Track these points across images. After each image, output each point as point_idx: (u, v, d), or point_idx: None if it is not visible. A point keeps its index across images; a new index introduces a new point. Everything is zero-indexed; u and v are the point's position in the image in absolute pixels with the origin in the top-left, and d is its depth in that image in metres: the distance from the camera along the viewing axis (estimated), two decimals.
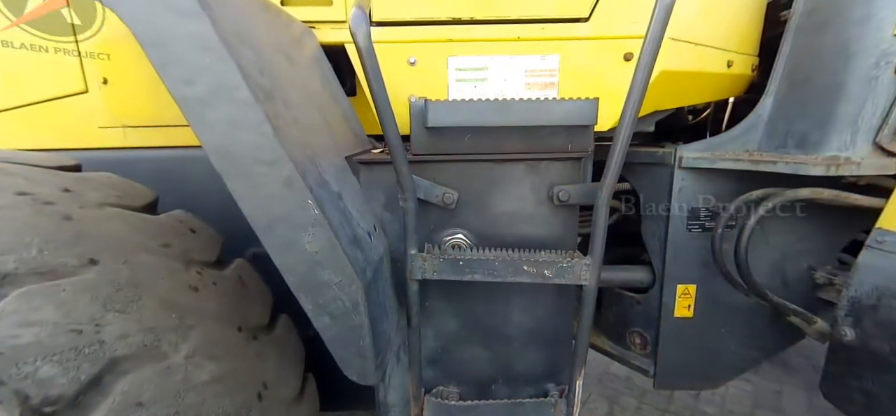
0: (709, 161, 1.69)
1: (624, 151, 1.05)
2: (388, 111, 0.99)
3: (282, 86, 0.91)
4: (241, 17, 0.86)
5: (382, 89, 0.97)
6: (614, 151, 1.04)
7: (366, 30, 0.93)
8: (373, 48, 0.95)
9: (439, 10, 1.48)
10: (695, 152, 1.72)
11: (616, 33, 1.51)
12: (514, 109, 1.11)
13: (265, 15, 1.03)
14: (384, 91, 0.98)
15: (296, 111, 0.93)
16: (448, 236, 1.21)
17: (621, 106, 1.62)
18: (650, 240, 1.85)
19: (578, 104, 1.12)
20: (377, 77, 0.96)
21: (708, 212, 1.77)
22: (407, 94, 1.54)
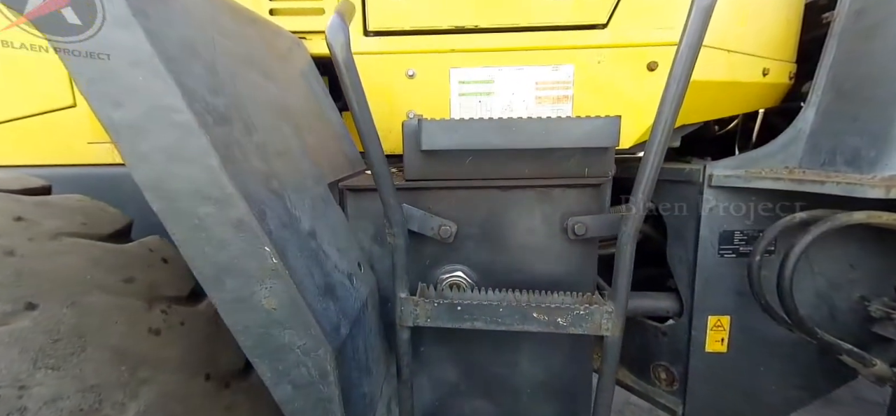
0: (743, 180, 1.47)
1: (654, 176, 0.86)
2: (371, 132, 0.82)
3: (245, 107, 0.75)
4: (193, 28, 0.70)
5: (364, 107, 0.81)
6: (643, 176, 0.85)
7: (344, 41, 0.77)
8: (353, 61, 0.79)
9: (440, 18, 1.31)
10: (726, 170, 1.50)
11: (638, 40, 1.32)
12: (523, 129, 0.93)
13: (238, 26, 0.88)
14: (367, 109, 0.81)
15: (263, 135, 0.77)
16: (446, 274, 1.03)
17: (645, 121, 1.43)
18: (677, 265, 1.63)
19: (598, 123, 0.93)
20: (358, 93, 0.80)
21: (743, 236, 1.55)
22: (405, 109, 1.38)
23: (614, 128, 0.94)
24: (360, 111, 0.80)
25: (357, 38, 1.34)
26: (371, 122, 0.82)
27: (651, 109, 1.38)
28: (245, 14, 0.92)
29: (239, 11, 0.88)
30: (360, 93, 0.80)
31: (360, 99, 0.80)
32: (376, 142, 0.83)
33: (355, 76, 0.79)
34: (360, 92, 0.80)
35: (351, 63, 0.78)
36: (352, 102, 0.79)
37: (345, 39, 0.77)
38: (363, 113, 0.81)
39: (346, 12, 0.82)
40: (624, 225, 0.89)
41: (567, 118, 0.94)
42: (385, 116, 1.38)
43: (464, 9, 1.31)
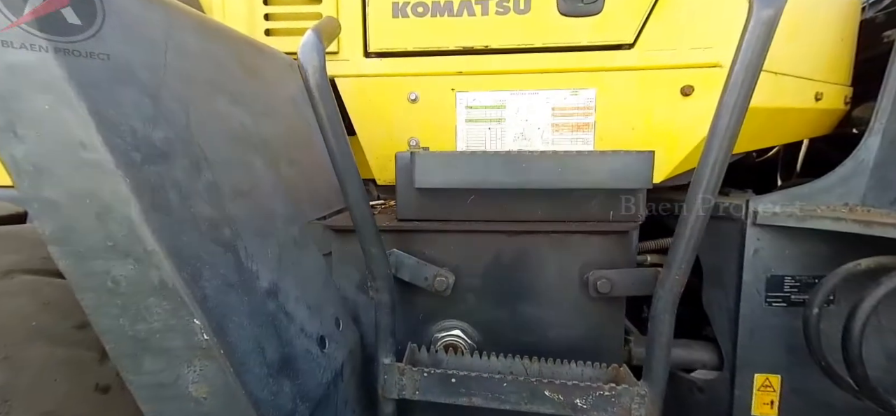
0: (797, 219, 1.24)
1: (699, 230, 0.67)
2: (348, 167, 0.68)
3: (197, 139, 0.62)
4: (136, 48, 0.58)
5: (341, 139, 0.66)
6: (685, 230, 0.67)
7: (318, 63, 0.64)
8: (328, 87, 0.65)
9: (446, 38, 1.18)
10: (774, 206, 1.28)
11: (670, 62, 1.14)
12: (535, 166, 0.77)
13: (205, 45, 0.75)
14: (344, 141, 0.67)
15: (219, 172, 0.64)
16: (441, 332, 0.86)
17: (678, 153, 1.24)
18: (715, 313, 1.40)
19: (627, 159, 0.76)
20: (334, 123, 0.66)
21: (795, 282, 1.32)
22: (406, 135, 1.24)
23: (646, 166, 0.76)
24: (337, 143, 0.66)
25: (357, 59, 1.22)
26: (349, 156, 0.68)
27: (686, 139, 1.20)
28: (219, 33, 0.80)
29: (210, 30, 0.77)
30: (336, 123, 0.66)
31: (336, 129, 0.66)
32: (355, 180, 0.68)
33: (330, 103, 0.65)
34: (335, 122, 0.66)
35: (325, 89, 0.64)
36: (326, 133, 0.65)
37: (319, 62, 0.64)
38: (340, 145, 0.66)
39: (325, 31, 0.69)
40: (660, 289, 0.70)
41: (588, 153, 0.77)
42: (384, 142, 1.24)
43: (472, 28, 1.17)
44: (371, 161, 1.25)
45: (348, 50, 1.21)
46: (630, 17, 1.14)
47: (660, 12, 1.14)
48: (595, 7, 1.14)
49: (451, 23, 1.17)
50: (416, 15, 1.18)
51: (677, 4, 1.13)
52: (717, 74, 1.13)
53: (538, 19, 1.16)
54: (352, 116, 1.23)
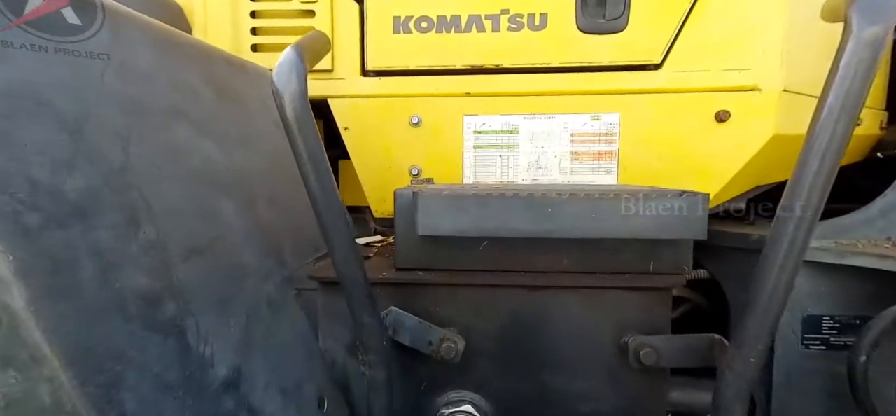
0: (835, 254, 1.10)
1: (780, 302, 0.52)
2: (334, 214, 0.52)
3: (137, 186, 0.47)
4: (55, 67, 0.43)
5: (326, 178, 0.51)
6: (760, 299, 0.51)
7: (298, 88, 0.49)
8: (310, 117, 0.50)
9: (453, 55, 1.04)
10: (813, 241, 1.13)
11: (702, 84, 1.00)
12: (564, 211, 0.62)
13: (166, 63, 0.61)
14: (328, 179, 0.52)
15: (168, 225, 0.48)
16: (449, 408, 0.70)
17: (712, 185, 1.08)
18: None
19: (676, 203, 0.61)
20: (316, 160, 0.50)
21: (834, 324, 1.17)
22: (407, 163, 1.09)
23: (700, 212, 0.61)
24: (320, 187, 0.51)
25: (353, 77, 1.07)
26: (336, 204, 0.52)
27: (720, 170, 1.06)
28: (185, 48, 0.65)
29: (173, 45, 0.62)
30: (320, 162, 0.51)
31: (320, 169, 0.51)
32: (343, 232, 0.53)
33: (312, 138, 0.50)
34: (318, 161, 0.51)
35: (306, 121, 0.49)
36: (307, 174, 0.50)
37: (299, 86, 0.49)
38: (324, 189, 0.51)
39: (309, 48, 0.54)
40: (729, 373, 0.54)
41: (629, 195, 0.62)
42: (383, 170, 1.09)
43: (482, 45, 1.03)
44: (368, 191, 1.10)
45: (344, 67, 1.07)
46: (657, 34, 1.00)
47: (690, 30, 1.00)
48: (618, 24, 1.00)
49: (458, 39, 1.03)
50: (419, 30, 1.03)
51: (710, 21, 0.99)
52: (755, 98, 0.99)
53: (555, 36, 1.02)
54: (347, 141, 1.09)
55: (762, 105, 0.98)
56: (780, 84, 0.98)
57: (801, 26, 1.01)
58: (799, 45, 1.01)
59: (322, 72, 1.07)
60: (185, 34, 0.67)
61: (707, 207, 0.61)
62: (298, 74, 0.49)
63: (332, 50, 1.07)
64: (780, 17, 0.97)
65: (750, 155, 1.00)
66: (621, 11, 1.00)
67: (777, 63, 0.98)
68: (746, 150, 1.00)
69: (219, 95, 0.69)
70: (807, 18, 1.04)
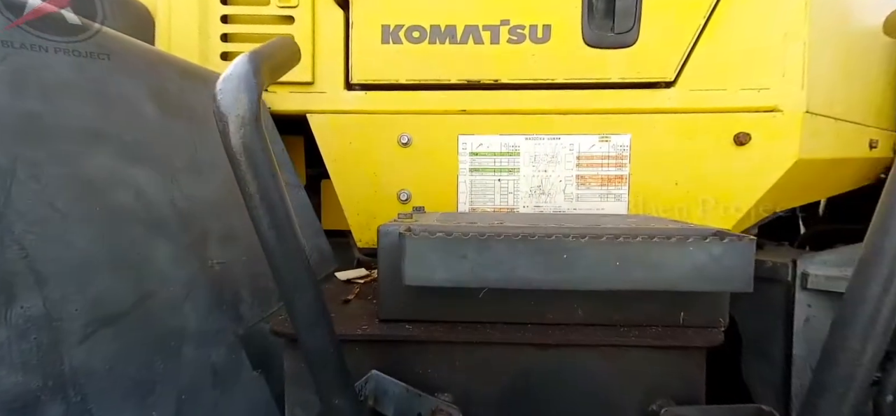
0: None
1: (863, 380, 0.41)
2: (295, 268, 0.40)
3: (19, 240, 0.34)
4: None
5: (285, 221, 0.39)
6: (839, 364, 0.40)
7: (248, 111, 0.37)
8: (263, 146, 0.38)
9: (447, 69, 0.93)
10: (827, 268, 1.03)
11: (719, 104, 0.90)
12: (585, 259, 0.50)
13: (94, 73, 0.48)
14: (288, 224, 0.39)
15: (63, 293, 0.35)
16: None
17: (731, 214, 0.98)
18: (760, 389, 1.13)
19: (717, 250, 0.50)
20: (271, 197, 0.38)
21: None
22: (395, 187, 0.96)
23: (746, 261, 0.50)
24: (276, 233, 0.39)
25: (336, 91, 0.95)
26: (295, 251, 0.40)
27: (740, 197, 0.95)
28: (124, 57, 0.53)
29: (105, 51, 0.49)
30: (275, 202, 0.38)
31: (276, 212, 0.38)
32: (307, 287, 0.41)
33: (267, 173, 0.37)
34: (274, 202, 0.38)
35: (258, 150, 0.37)
36: (258, 217, 0.37)
37: (249, 107, 0.37)
38: (281, 233, 0.39)
39: (269, 58, 0.42)
40: None
41: (658, 237, 0.51)
42: (368, 195, 0.96)
43: (479, 58, 0.92)
44: (350, 217, 0.97)
45: (326, 80, 0.95)
46: (670, 49, 0.91)
47: (705, 45, 0.90)
48: (628, 37, 0.91)
49: (453, 51, 0.92)
50: (410, 40, 0.92)
51: (726, 36, 0.90)
52: (776, 120, 0.90)
53: (560, 50, 0.91)
54: (328, 162, 0.96)
55: (785, 128, 0.89)
56: (803, 105, 0.89)
57: (821, 44, 0.93)
58: (820, 63, 0.93)
59: (301, 84, 0.95)
60: (125, 37, 0.55)
61: (751, 257, 0.50)
62: (249, 91, 0.37)
63: (314, 61, 0.95)
64: (800, 34, 0.89)
65: (772, 181, 0.90)
66: (631, 24, 0.90)
67: (799, 83, 0.89)
68: (768, 176, 0.90)
69: (165, 111, 0.56)
70: (827, 35, 0.96)
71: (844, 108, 1.03)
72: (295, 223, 0.40)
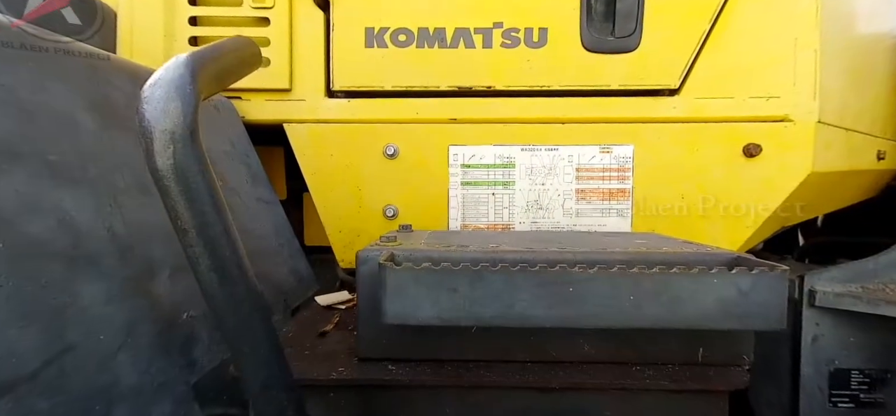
0: (866, 303, 0.95)
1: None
2: (245, 316, 0.32)
3: None
4: None
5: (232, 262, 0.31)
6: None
7: (181, 124, 0.29)
8: (201, 169, 0.30)
9: (437, 74, 0.86)
10: (835, 284, 0.97)
11: (726, 113, 0.85)
12: (596, 293, 0.43)
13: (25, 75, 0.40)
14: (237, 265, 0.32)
15: None
16: None
17: (742, 231, 0.91)
18: (768, 412, 1.08)
19: (746, 283, 0.43)
20: (211, 234, 0.31)
21: (864, 379, 1.02)
22: (380, 202, 0.89)
23: (779, 295, 0.44)
24: (216, 270, 0.31)
25: (316, 99, 0.88)
26: (245, 291, 0.32)
27: (751, 212, 0.89)
28: (57, 60, 0.45)
29: (28, 52, 0.42)
30: (218, 231, 0.31)
31: (217, 242, 0.31)
32: (259, 333, 0.33)
33: (207, 202, 0.30)
34: (214, 230, 0.31)
35: (194, 172, 0.30)
36: (195, 256, 0.30)
37: (183, 121, 0.30)
38: (225, 270, 0.31)
39: (214, 62, 0.35)
40: None
41: (678, 266, 0.45)
42: (351, 211, 0.88)
43: (471, 63, 0.85)
44: (332, 235, 0.90)
45: (305, 86, 0.88)
46: (674, 54, 0.85)
47: (711, 50, 0.85)
48: (630, 42, 0.85)
49: (443, 56, 0.85)
50: (396, 44, 0.86)
51: (733, 41, 0.85)
52: (788, 131, 0.84)
53: (557, 55, 0.85)
54: (306, 174, 0.88)
55: (797, 138, 0.84)
56: (815, 115, 0.84)
57: (830, 50, 0.88)
58: (830, 71, 0.88)
59: (277, 92, 0.87)
60: (55, 35, 0.47)
61: (786, 287, 0.44)
62: (183, 100, 0.29)
63: (291, 66, 0.87)
64: (811, 40, 0.84)
65: (784, 195, 0.84)
66: (633, 28, 0.85)
67: (811, 91, 0.84)
68: (780, 189, 0.84)
69: (108, 122, 0.48)
70: (836, 41, 0.91)
71: (854, 118, 0.98)
72: (244, 262, 0.32)
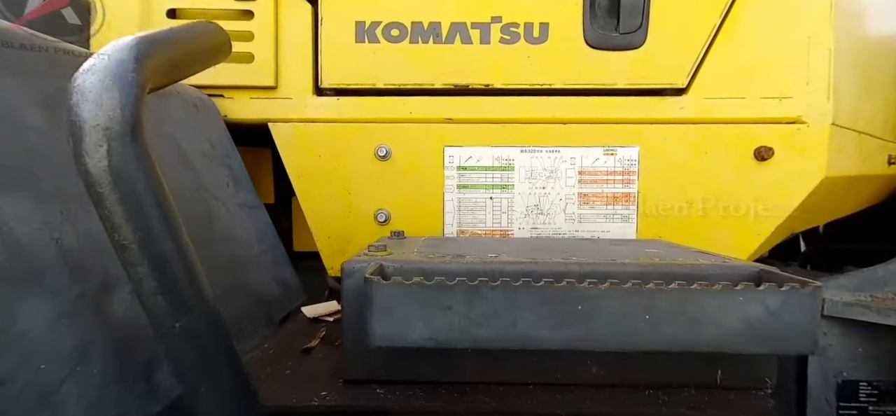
0: (876, 312, 0.91)
1: None
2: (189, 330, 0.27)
3: None
4: None
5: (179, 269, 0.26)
6: None
7: (120, 120, 0.24)
8: (145, 166, 0.26)
9: (431, 72, 0.81)
10: (844, 293, 0.93)
11: (736, 114, 0.81)
12: (607, 311, 0.39)
13: None
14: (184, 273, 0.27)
15: None
16: None
17: (752, 238, 0.87)
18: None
19: (775, 301, 0.39)
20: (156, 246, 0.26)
21: (873, 390, 0.98)
22: (372, 207, 0.84)
23: (810, 317, 0.39)
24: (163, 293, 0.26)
25: (303, 97, 0.83)
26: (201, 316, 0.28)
27: (763, 219, 0.85)
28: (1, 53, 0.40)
29: None
30: (167, 247, 0.26)
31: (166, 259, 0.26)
32: (218, 364, 0.28)
33: (150, 208, 0.25)
34: (162, 246, 0.26)
35: (136, 176, 0.25)
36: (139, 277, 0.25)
37: (120, 116, 0.25)
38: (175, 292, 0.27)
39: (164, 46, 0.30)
40: None
41: (698, 286, 0.40)
42: (340, 216, 0.84)
43: (468, 59, 0.81)
44: (320, 241, 0.84)
45: (291, 84, 0.83)
46: (681, 52, 0.81)
47: (721, 47, 0.81)
48: (635, 38, 0.81)
49: (438, 52, 0.81)
50: (389, 39, 0.81)
51: (743, 38, 0.80)
52: (801, 133, 0.80)
53: (558, 51, 0.81)
54: (293, 177, 0.83)
55: (810, 141, 0.80)
56: (829, 117, 0.80)
57: (844, 50, 0.84)
58: (843, 71, 0.84)
59: (262, 89, 0.82)
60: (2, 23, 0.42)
61: (819, 306, 0.40)
62: (122, 90, 0.25)
63: (277, 62, 0.82)
64: (825, 38, 0.80)
65: (798, 201, 0.80)
66: (638, 24, 0.80)
67: (824, 92, 0.80)
68: (793, 195, 0.80)
69: (58, 120, 0.43)
70: (849, 41, 0.87)
71: (867, 120, 0.95)
72: (200, 283, 0.27)
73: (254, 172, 0.91)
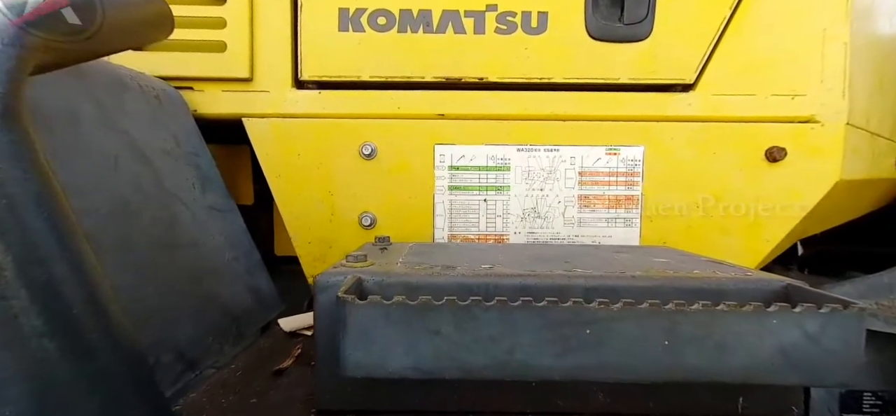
0: (883, 321, 0.88)
1: None
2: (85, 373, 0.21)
3: None
4: None
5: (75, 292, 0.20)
6: None
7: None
8: (26, 162, 0.19)
9: (421, 64, 0.75)
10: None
11: (747, 112, 0.76)
12: (617, 335, 0.33)
13: None
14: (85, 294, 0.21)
15: None
16: None
17: (762, 244, 0.82)
18: None
19: (813, 324, 0.34)
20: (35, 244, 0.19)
21: (876, 400, 0.95)
22: (356, 210, 0.78)
23: (854, 343, 0.34)
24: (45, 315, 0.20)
25: (281, 90, 0.77)
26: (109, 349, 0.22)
27: (774, 222, 0.80)
28: None
29: None
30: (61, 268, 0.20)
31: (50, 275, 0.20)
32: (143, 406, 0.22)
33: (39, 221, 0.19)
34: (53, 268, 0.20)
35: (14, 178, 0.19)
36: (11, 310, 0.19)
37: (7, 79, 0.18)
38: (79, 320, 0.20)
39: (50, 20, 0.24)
40: None
41: (724, 306, 0.35)
42: (322, 220, 0.77)
43: (460, 51, 0.75)
44: (299, 247, 0.78)
45: (268, 76, 0.76)
46: (689, 45, 0.76)
47: (731, 41, 0.76)
48: (640, 30, 0.75)
49: (428, 42, 0.75)
50: (375, 28, 0.75)
51: (754, 32, 0.76)
52: (813, 133, 0.75)
53: (558, 43, 0.75)
54: (270, 177, 0.77)
55: (825, 142, 0.75)
56: (844, 116, 0.76)
57: (857, 46, 0.80)
58: (857, 69, 0.80)
59: (236, 81, 0.76)
60: None
61: (864, 329, 0.34)
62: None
63: (252, 52, 0.76)
64: (840, 33, 0.75)
65: (811, 204, 0.76)
66: (644, 14, 0.75)
67: (839, 89, 0.76)
68: (806, 198, 0.76)
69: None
70: (862, 38, 0.83)
71: (879, 121, 0.91)
72: (110, 316, 0.21)
73: (231, 171, 0.84)
